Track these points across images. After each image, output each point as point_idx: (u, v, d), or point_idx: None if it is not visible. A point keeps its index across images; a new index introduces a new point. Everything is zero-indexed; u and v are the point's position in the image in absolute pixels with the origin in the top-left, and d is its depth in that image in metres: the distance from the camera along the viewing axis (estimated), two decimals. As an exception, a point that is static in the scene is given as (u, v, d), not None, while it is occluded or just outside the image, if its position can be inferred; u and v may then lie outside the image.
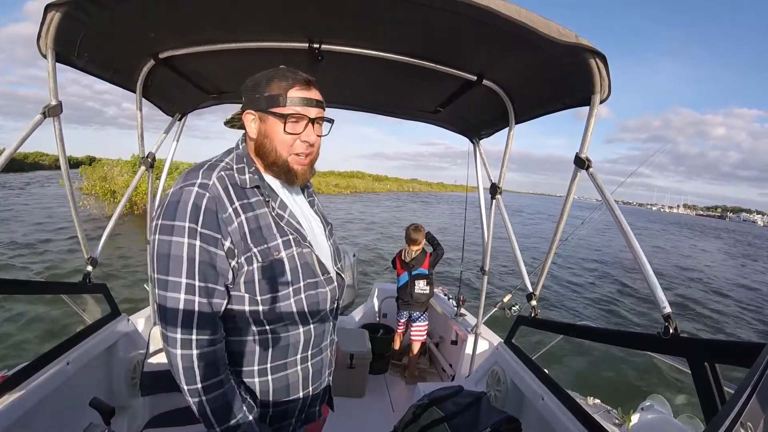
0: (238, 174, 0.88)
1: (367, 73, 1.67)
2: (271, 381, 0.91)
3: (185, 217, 0.79)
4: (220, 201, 0.82)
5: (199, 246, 0.79)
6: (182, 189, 0.81)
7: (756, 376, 0.57)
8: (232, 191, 0.85)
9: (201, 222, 0.79)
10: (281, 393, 0.93)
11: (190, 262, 0.79)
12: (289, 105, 0.87)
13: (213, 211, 0.81)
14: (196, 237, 0.79)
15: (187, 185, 0.82)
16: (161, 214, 0.81)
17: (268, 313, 0.87)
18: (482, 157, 2.31)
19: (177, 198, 0.80)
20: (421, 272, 3.23)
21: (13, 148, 1.29)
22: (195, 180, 0.82)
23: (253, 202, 0.87)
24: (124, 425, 1.87)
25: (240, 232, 0.83)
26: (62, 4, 1.08)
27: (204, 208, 0.80)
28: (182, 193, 0.81)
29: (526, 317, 1.85)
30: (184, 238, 0.78)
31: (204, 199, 0.80)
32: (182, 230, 0.78)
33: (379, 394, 2.86)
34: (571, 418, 1.36)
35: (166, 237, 0.79)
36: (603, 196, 1.35)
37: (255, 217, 0.86)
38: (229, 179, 0.86)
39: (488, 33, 1.19)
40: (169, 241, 0.79)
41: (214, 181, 0.83)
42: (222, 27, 1.37)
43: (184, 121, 2.21)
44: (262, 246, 0.85)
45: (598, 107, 1.31)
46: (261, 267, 0.85)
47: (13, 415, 1.18)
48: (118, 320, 1.88)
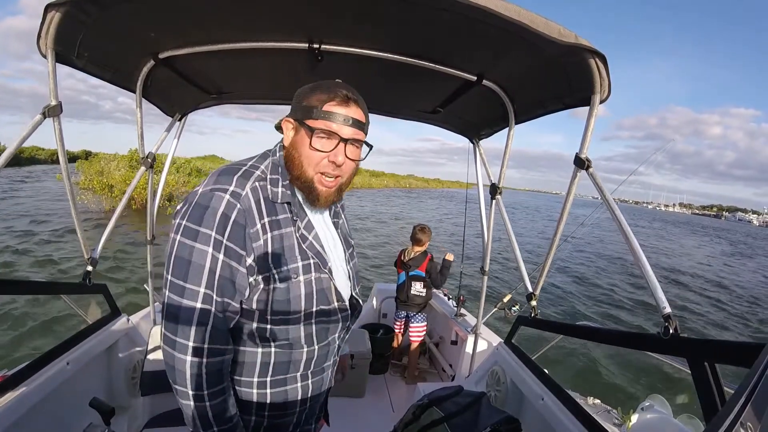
0: (272, 186, 0.85)
1: (367, 73, 1.67)
2: (269, 394, 0.89)
3: (212, 226, 0.76)
4: (250, 215, 0.79)
5: (222, 260, 0.77)
6: (213, 193, 0.78)
7: (756, 376, 0.57)
8: (263, 205, 0.82)
9: (228, 235, 0.77)
10: (278, 407, 0.91)
11: (210, 273, 0.77)
12: (322, 119, 0.83)
13: (242, 225, 0.78)
14: (221, 250, 0.77)
15: (218, 190, 0.78)
16: (187, 214, 0.78)
17: (275, 333, 0.85)
18: (482, 157, 2.31)
19: (207, 202, 0.77)
20: (417, 274, 3.22)
21: (13, 148, 1.29)
22: (228, 186, 0.79)
23: (280, 219, 0.84)
24: (124, 425, 1.87)
25: (263, 250, 0.81)
26: (62, 4, 1.08)
27: (233, 220, 0.77)
28: (212, 198, 0.77)
29: (526, 317, 1.85)
30: (208, 248, 0.76)
31: (234, 210, 0.77)
32: (208, 239, 0.76)
33: (379, 394, 2.86)
34: (571, 418, 1.36)
35: (189, 241, 0.76)
36: (603, 196, 1.35)
37: (280, 236, 0.83)
38: (262, 191, 0.82)
39: (488, 33, 1.19)
40: (191, 247, 0.76)
41: (248, 192, 0.80)
42: (222, 27, 1.37)
43: (184, 121, 2.21)
44: (283, 267, 0.83)
45: (597, 107, 1.31)
46: (277, 289, 0.83)
47: (13, 415, 1.18)
48: (118, 320, 1.88)
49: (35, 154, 41.32)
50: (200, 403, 0.80)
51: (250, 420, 0.90)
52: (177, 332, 0.77)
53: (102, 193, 13.65)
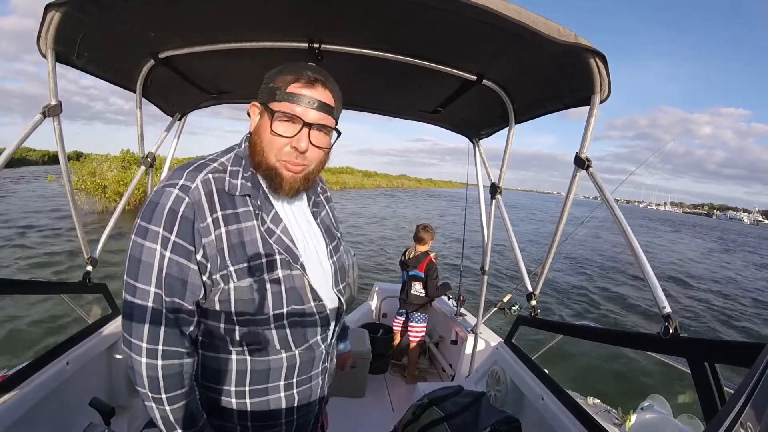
0: (230, 177, 0.79)
1: (367, 73, 1.67)
2: (248, 404, 0.83)
3: (160, 223, 0.72)
4: (200, 208, 0.74)
5: (169, 257, 0.72)
6: (164, 189, 0.74)
7: (756, 376, 0.57)
8: (216, 198, 0.76)
9: (176, 231, 0.72)
10: (261, 418, 0.85)
11: (159, 272, 0.73)
12: (284, 101, 0.77)
13: (190, 219, 0.73)
14: (168, 247, 0.72)
15: (168, 185, 0.74)
16: (141, 213, 0.74)
17: (245, 336, 0.80)
18: (482, 156, 2.31)
19: (157, 199, 0.73)
20: (416, 274, 3.21)
21: (13, 147, 1.29)
22: (177, 180, 0.74)
23: (239, 213, 0.78)
24: (124, 425, 1.87)
25: (217, 247, 0.75)
26: (62, 4, 1.08)
27: (180, 215, 0.72)
28: (162, 194, 0.73)
29: (526, 317, 1.85)
30: (156, 245, 0.72)
31: (182, 204, 0.72)
32: (156, 236, 0.72)
33: (379, 394, 2.86)
34: (571, 418, 1.36)
35: (140, 240, 0.73)
36: (603, 197, 1.35)
37: (238, 231, 0.77)
38: (216, 183, 0.76)
39: (488, 33, 1.19)
40: (141, 245, 0.73)
41: (198, 184, 0.74)
42: (222, 27, 1.37)
43: (184, 121, 2.21)
44: (242, 264, 0.76)
45: (598, 107, 1.31)
46: (237, 288, 0.77)
47: (13, 415, 1.18)
48: (118, 320, 1.88)
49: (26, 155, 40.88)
50: (160, 406, 0.76)
51: (234, 427, 0.85)
52: (132, 333, 0.74)
53: (95, 194, 13.61)
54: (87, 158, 17.79)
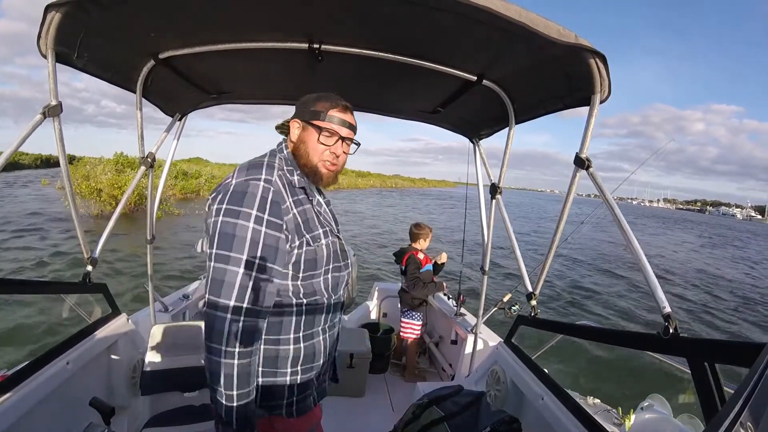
0: (289, 175, 1.05)
1: (367, 73, 1.67)
2: (303, 348, 1.06)
3: (253, 206, 0.93)
4: (281, 195, 0.98)
5: (265, 231, 0.93)
6: (248, 182, 0.96)
7: (756, 376, 0.57)
8: (288, 189, 1.01)
9: (268, 211, 0.94)
10: (308, 359, 1.07)
11: (253, 243, 0.92)
12: (327, 121, 1.07)
13: (277, 202, 0.96)
14: (262, 223, 0.93)
15: (253, 179, 0.96)
16: (225, 200, 0.94)
17: (304, 287, 1.04)
18: (482, 156, 2.31)
19: (244, 189, 0.94)
20: (401, 268, 3.21)
21: (14, 147, 1.28)
22: (260, 175, 0.97)
23: (301, 199, 1.04)
24: (124, 425, 1.87)
25: (294, 222, 1.00)
26: (62, 5, 1.08)
27: (270, 200, 0.95)
28: (249, 185, 0.95)
29: (526, 317, 1.85)
30: (249, 223, 0.92)
31: (270, 192, 0.96)
32: (249, 216, 0.92)
33: (379, 393, 2.86)
34: (571, 418, 1.36)
35: (231, 219, 0.92)
36: (603, 197, 1.35)
37: (304, 210, 1.04)
38: (284, 178, 1.02)
39: (488, 33, 1.19)
40: (234, 223, 0.92)
41: (276, 178, 0.99)
42: (222, 27, 1.37)
43: (184, 121, 2.21)
44: (312, 233, 1.04)
45: (598, 107, 1.31)
46: (308, 250, 1.02)
47: (13, 415, 1.18)
48: (118, 320, 1.88)
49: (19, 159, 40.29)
50: (229, 360, 0.90)
51: (286, 379, 1.04)
52: (220, 294, 0.90)
53: (91, 197, 13.58)
54: (80, 161, 17.73)
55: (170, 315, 2.59)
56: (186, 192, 21.01)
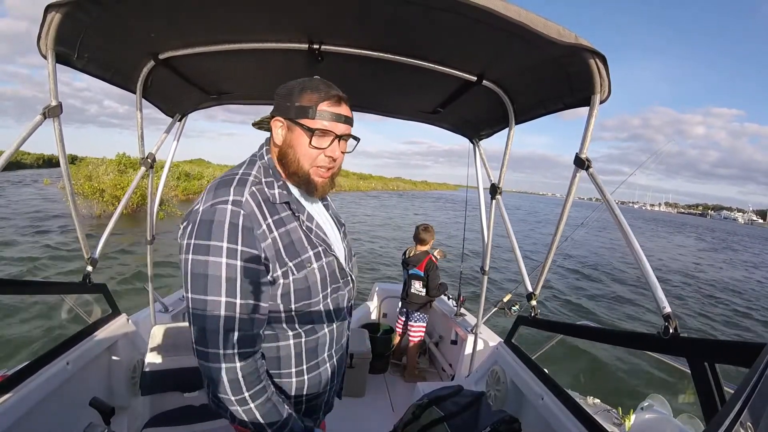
0: (268, 189, 0.89)
1: (367, 73, 1.66)
2: (306, 380, 0.97)
3: (222, 237, 0.79)
4: (254, 218, 0.83)
5: (241, 265, 0.80)
6: (215, 207, 0.81)
7: (756, 376, 0.57)
8: (265, 207, 0.86)
9: (240, 241, 0.80)
10: (314, 389, 0.99)
11: (229, 282, 0.79)
12: (318, 119, 0.88)
13: (249, 228, 0.81)
14: (237, 256, 0.80)
15: (219, 203, 0.81)
16: (193, 233, 0.80)
17: (301, 318, 0.92)
18: (482, 157, 2.31)
19: (210, 216, 0.80)
20: (415, 273, 3.22)
21: (14, 148, 1.28)
22: (227, 197, 0.82)
23: (283, 217, 0.89)
24: (124, 425, 1.87)
25: (274, 248, 0.85)
26: (62, 5, 1.08)
27: (241, 226, 0.80)
28: (215, 212, 0.80)
29: (526, 317, 1.85)
30: (221, 258, 0.79)
31: (240, 217, 0.81)
32: (219, 250, 0.79)
33: (379, 393, 2.86)
34: (571, 418, 1.36)
35: (201, 257, 0.79)
36: (603, 197, 1.35)
37: (287, 232, 0.88)
38: (260, 195, 0.86)
39: (488, 33, 1.19)
40: (205, 261, 0.79)
41: (247, 198, 0.84)
42: (222, 27, 1.37)
43: (184, 121, 2.21)
44: (297, 259, 0.88)
45: (598, 107, 1.31)
46: (296, 279, 0.88)
47: (13, 415, 1.18)
48: (118, 320, 1.88)
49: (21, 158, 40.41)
50: (245, 406, 0.84)
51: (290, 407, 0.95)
52: (207, 344, 0.81)
53: (93, 197, 13.59)
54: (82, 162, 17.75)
55: (170, 315, 2.59)
56: (188, 193, 21.08)
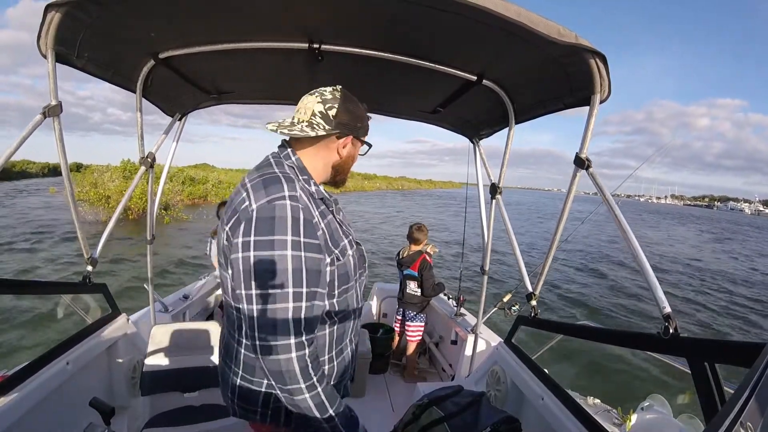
0: (307, 186, 0.96)
1: (367, 73, 1.66)
2: (336, 365, 1.03)
3: (286, 231, 0.83)
4: (308, 211, 0.88)
5: (305, 255, 0.85)
6: (273, 203, 0.85)
7: (756, 376, 0.57)
8: (311, 201, 0.92)
9: (303, 233, 0.85)
10: (340, 373, 1.05)
11: (297, 273, 0.84)
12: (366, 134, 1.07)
13: (309, 220, 0.87)
14: (301, 248, 0.84)
15: (276, 199, 0.85)
16: (251, 230, 0.83)
17: (339, 305, 0.98)
18: (482, 157, 2.31)
19: (270, 213, 0.84)
20: (410, 273, 3.21)
21: (13, 148, 1.28)
22: (283, 193, 0.86)
23: (323, 210, 0.96)
24: (124, 425, 1.87)
25: (324, 237, 0.92)
26: (62, 4, 1.08)
27: (303, 219, 0.86)
28: (275, 208, 0.84)
29: (526, 317, 1.85)
30: (287, 251, 0.83)
31: (300, 211, 0.86)
32: (284, 243, 0.83)
33: (379, 394, 2.86)
34: (571, 418, 1.36)
35: (265, 252, 0.82)
36: (603, 197, 1.35)
37: (328, 223, 0.96)
38: (306, 190, 0.93)
39: (488, 33, 1.19)
40: (271, 256, 0.82)
41: (300, 193, 0.89)
42: (222, 27, 1.37)
43: (184, 121, 2.20)
44: (339, 247, 0.97)
45: (598, 107, 1.31)
46: (339, 265, 0.96)
47: (13, 415, 1.18)
48: (118, 320, 1.88)
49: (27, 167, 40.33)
50: (314, 392, 0.87)
51: None
52: (277, 336, 0.83)
53: (99, 204, 13.64)
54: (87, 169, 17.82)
55: (170, 315, 2.59)
56: (193, 197, 21.12)
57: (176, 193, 17.14)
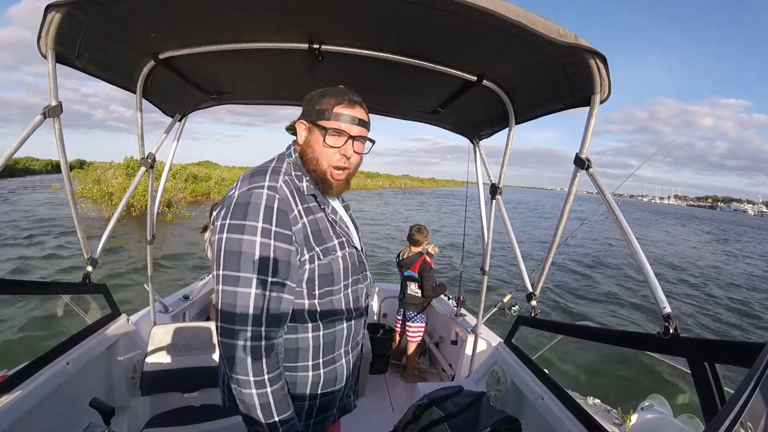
0: (297, 181, 0.96)
1: (367, 73, 1.66)
2: (322, 374, 0.99)
3: (258, 218, 0.85)
4: (287, 203, 0.90)
5: (274, 244, 0.86)
6: (251, 191, 0.88)
7: (756, 376, 0.57)
8: (296, 195, 0.93)
9: (275, 222, 0.87)
10: (329, 385, 1.01)
11: (262, 260, 0.84)
12: (333, 120, 0.96)
13: (284, 211, 0.88)
14: (271, 236, 0.86)
15: (255, 187, 0.88)
16: (228, 214, 0.87)
17: (322, 307, 0.96)
18: (482, 157, 2.31)
19: (246, 199, 0.87)
20: (410, 274, 3.21)
21: (13, 148, 1.28)
22: (263, 183, 0.89)
23: (311, 207, 0.96)
24: (124, 425, 1.87)
25: (303, 233, 0.92)
26: (62, 5, 1.08)
27: (276, 208, 0.87)
28: (252, 195, 0.87)
29: (526, 317, 1.85)
30: (256, 237, 0.85)
31: (275, 201, 0.88)
32: (254, 229, 0.85)
33: (379, 394, 2.86)
34: (571, 418, 1.36)
35: (236, 235, 0.85)
36: (603, 197, 1.35)
37: (315, 220, 0.95)
38: (292, 184, 0.94)
39: (488, 33, 1.19)
40: (240, 240, 0.84)
41: (281, 184, 0.91)
42: (222, 27, 1.37)
43: (184, 121, 2.20)
44: (324, 245, 0.95)
45: (598, 107, 1.31)
46: (320, 265, 0.94)
47: (13, 415, 1.18)
48: (118, 320, 1.88)
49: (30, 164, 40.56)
50: (262, 389, 0.85)
51: (304, 405, 0.98)
52: (235, 321, 0.83)
53: (102, 201, 13.65)
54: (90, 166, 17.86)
55: (170, 315, 2.59)
56: (196, 195, 21.11)
57: (179, 191, 17.15)
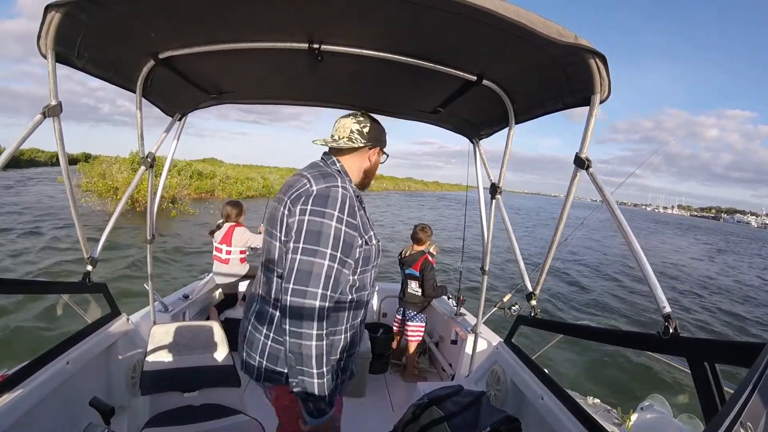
0: (350, 185, 1.22)
1: (366, 73, 1.66)
2: (350, 336, 1.23)
3: (335, 208, 1.09)
4: (353, 200, 1.15)
5: (344, 230, 1.09)
6: (329, 188, 1.12)
7: (756, 376, 0.57)
8: (354, 195, 1.18)
9: (347, 213, 1.11)
10: (351, 346, 1.25)
11: (336, 240, 1.07)
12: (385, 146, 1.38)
13: (352, 206, 1.13)
14: (343, 223, 1.09)
15: (333, 186, 1.13)
16: (309, 202, 1.09)
17: (358, 281, 1.21)
18: (482, 157, 2.31)
19: (327, 193, 1.11)
20: (411, 273, 3.21)
21: (13, 148, 1.28)
22: (338, 183, 1.14)
23: (357, 205, 1.19)
24: (124, 425, 1.87)
25: (360, 223, 1.17)
26: (62, 5, 1.08)
27: (348, 203, 1.12)
28: (330, 191, 1.11)
29: (526, 317, 1.85)
30: (332, 222, 1.08)
31: (348, 198, 1.13)
32: (332, 216, 1.08)
33: (379, 393, 2.86)
34: (571, 418, 1.36)
35: (317, 218, 1.07)
36: (603, 197, 1.35)
37: (362, 214, 1.21)
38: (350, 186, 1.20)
39: (488, 33, 1.19)
40: (321, 222, 1.07)
41: (348, 186, 1.17)
42: (222, 27, 1.37)
43: (184, 121, 2.20)
44: (369, 234, 1.22)
45: (598, 107, 1.31)
46: (365, 249, 1.19)
47: (13, 415, 1.18)
48: (117, 320, 1.88)
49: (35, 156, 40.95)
50: (320, 342, 1.04)
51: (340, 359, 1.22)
52: (309, 283, 1.04)
53: (107, 195, 13.63)
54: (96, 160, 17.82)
55: (170, 315, 2.59)
56: (201, 192, 21.03)
57: (183, 187, 17.12)
